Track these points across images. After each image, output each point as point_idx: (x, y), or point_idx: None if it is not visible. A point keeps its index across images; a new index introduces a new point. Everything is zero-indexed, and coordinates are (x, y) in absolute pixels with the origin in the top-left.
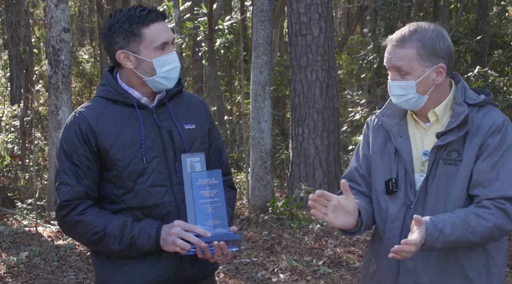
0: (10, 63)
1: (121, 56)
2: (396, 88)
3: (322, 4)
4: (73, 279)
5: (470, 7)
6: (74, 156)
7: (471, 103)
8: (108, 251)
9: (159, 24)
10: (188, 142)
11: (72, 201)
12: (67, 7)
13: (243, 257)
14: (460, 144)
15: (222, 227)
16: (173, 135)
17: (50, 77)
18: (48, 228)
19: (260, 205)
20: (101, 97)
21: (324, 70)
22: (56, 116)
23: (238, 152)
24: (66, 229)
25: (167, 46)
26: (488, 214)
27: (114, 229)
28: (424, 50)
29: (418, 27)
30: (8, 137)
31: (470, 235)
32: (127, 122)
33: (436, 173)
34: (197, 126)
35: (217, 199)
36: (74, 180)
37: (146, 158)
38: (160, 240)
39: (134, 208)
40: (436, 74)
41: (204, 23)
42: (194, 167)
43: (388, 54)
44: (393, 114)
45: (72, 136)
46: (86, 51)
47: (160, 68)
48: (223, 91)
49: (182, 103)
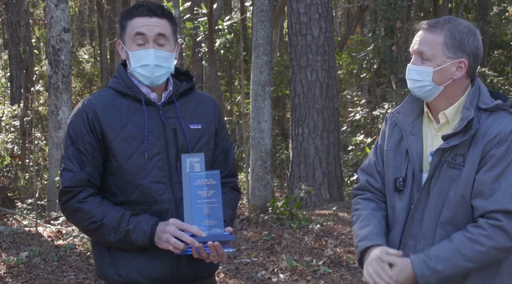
0: (10, 63)
1: (118, 46)
2: (413, 72)
3: (322, 4)
4: (73, 279)
5: (470, 7)
6: (80, 142)
7: (483, 107)
8: (104, 241)
9: (143, 18)
10: (192, 141)
11: (74, 188)
12: (67, 7)
13: (243, 257)
14: (466, 149)
15: (218, 228)
16: (177, 134)
17: (50, 77)
18: (48, 228)
19: (260, 205)
20: (111, 88)
21: (324, 70)
22: (56, 116)
23: (238, 152)
24: (66, 214)
25: (145, 41)
26: (482, 237)
27: (111, 220)
28: (451, 40)
29: (453, 19)
30: (8, 137)
31: (467, 264)
32: (133, 117)
33: (440, 175)
34: (203, 126)
35: (214, 200)
36: (78, 166)
37: (148, 154)
38: (154, 236)
39: (133, 202)
40: (456, 68)
41: (204, 23)
42: (194, 167)
43: (416, 38)
44: (409, 113)
45: (79, 123)
46: (86, 51)
47: (135, 62)
48: (223, 91)
49: (192, 102)
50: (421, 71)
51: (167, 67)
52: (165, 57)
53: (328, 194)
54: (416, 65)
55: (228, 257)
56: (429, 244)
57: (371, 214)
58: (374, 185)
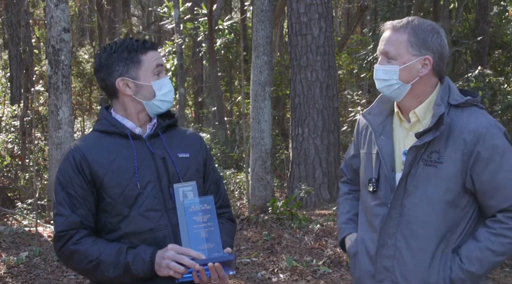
0: (10, 63)
1: (120, 83)
2: (380, 72)
3: (322, 4)
4: (73, 279)
5: (470, 7)
6: (69, 186)
7: (454, 104)
8: (103, 279)
9: (154, 52)
10: (182, 169)
11: (67, 231)
12: (67, 7)
13: (243, 257)
14: (442, 146)
15: (217, 251)
16: (167, 163)
17: (50, 77)
18: (48, 228)
19: (260, 205)
20: (96, 131)
21: (324, 70)
22: (56, 116)
23: (238, 152)
24: (64, 259)
25: (161, 72)
26: (505, 230)
27: (109, 256)
28: (415, 38)
29: (416, 18)
30: (8, 137)
31: (498, 258)
32: (121, 151)
33: (416, 173)
34: (191, 155)
35: (211, 224)
36: (69, 210)
37: (140, 183)
38: (154, 265)
39: (131, 234)
40: (422, 65)
41: (204, 23)
42: (187, 195)
43: (381, 40)
44: (379, 113)
45: (67, 167)
46: (86, 51)
47: (159, 90)
48: (223, 91)
49: (176, 136)
50: (387, 70)
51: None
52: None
53: (328, 194)
54: (382, 65)
55: None
56: (409, 242)
57: (343, 201)
58: (346, 175)
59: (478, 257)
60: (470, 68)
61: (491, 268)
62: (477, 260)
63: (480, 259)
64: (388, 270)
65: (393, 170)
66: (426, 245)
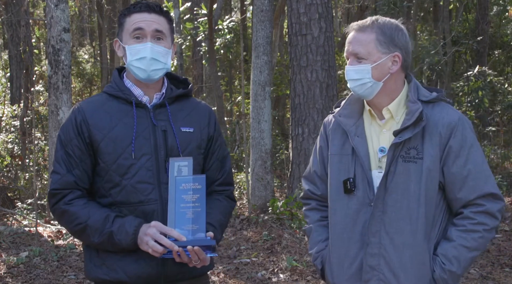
0: (10, 63)
1: (115, 44)
2: (352, 72)
3: (322, 4)
4: (73, 279)
5: (470, 7)
6: (69, 146)
7: (424, 100)
8: (89, 243)
9: (141, 14)
10: (182, 143)
11: (61, 190)
12: (67, 7)
13: (243, 257)
14: (419, 141)
15: (200, 232)
16: (167, 136)
17: (50, 77)
18: (48, 228)
19: (260, 205)
20: (104, 92)
21: (324, 70)
22: (56, 116)
23: (238, 152)
24: (56, 216)
25: (143, 36)
26: (474, 225)
27: (96, 221)
28: (383, 36)
29: (380, 17)
30: (8, 137)
31: (473, 254)
32: (123, 118)
33: (396, 171)
34: (195, 130)
35: (198, 204)
36: (65, 169)
37: (136, 154)
38: (137, 238)
39: (120, 203)
40: (392, 62)
41: (204, 23)
42: (181, 171)
43: (348, 42)
44: (350, 114)
45: (69, 127)
46: (86, 51)
47: (131, 56)
48: (223, 91)
49: (186, 108)
50: (359, 70)
51: (164, 63)
52: (162, 52)
53: None
54: (353, 65)
55: (228, 257)
56: (394, 239)
57: (317, 228)
58: (315, 192)
59: (455, 256)
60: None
61: (468, 265)
62: (455, 258)
63: (457, 257)
64: (375, 269)
65: (370, 169)
66: (410, 240)
